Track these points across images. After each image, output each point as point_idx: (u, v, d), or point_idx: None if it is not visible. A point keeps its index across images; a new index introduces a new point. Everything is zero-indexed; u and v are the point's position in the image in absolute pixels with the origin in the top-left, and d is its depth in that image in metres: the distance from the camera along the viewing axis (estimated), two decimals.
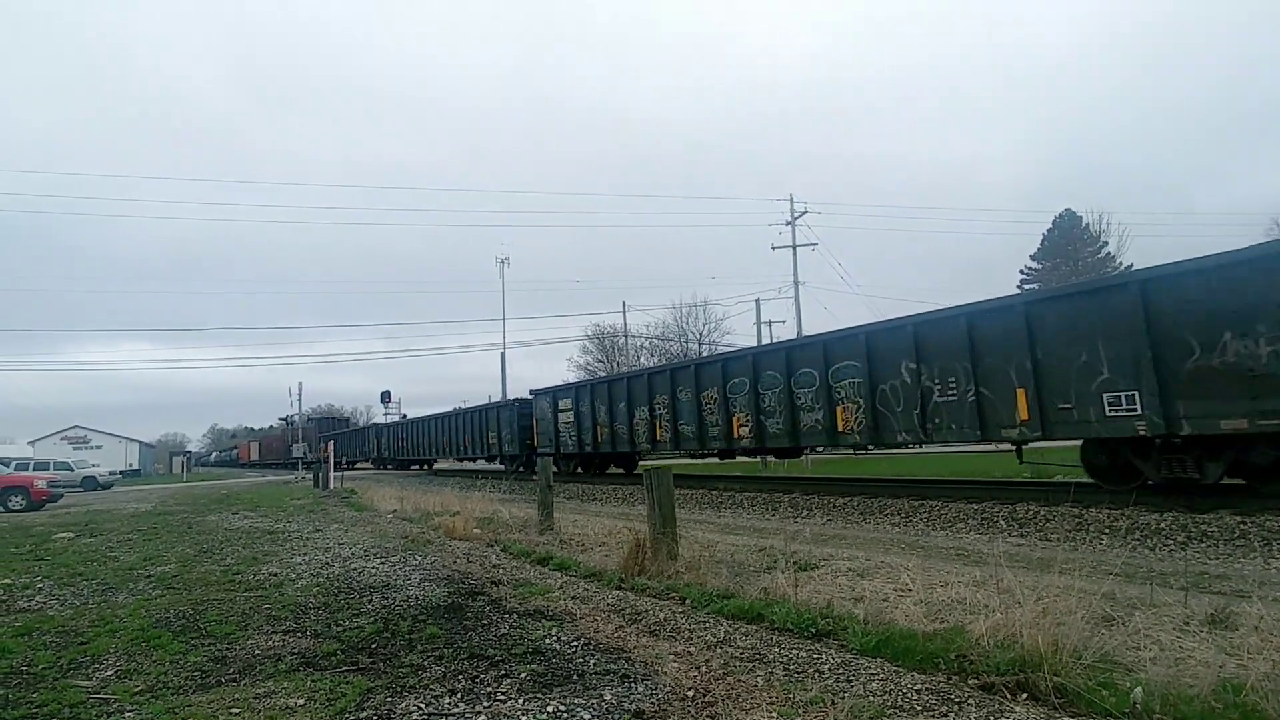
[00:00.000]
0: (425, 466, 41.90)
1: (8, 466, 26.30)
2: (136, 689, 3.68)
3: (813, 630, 4.28)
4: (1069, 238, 56.56)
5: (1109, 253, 54.82)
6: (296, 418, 63.08)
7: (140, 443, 78.75)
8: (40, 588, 6.82)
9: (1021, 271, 60.39)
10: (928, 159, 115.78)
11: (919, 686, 3.28)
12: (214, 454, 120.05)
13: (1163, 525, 8.30)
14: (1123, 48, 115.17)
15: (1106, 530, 8.48)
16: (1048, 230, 58.39)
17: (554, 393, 23.91)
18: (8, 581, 7.17)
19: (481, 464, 35.30)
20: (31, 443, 64.07)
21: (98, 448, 66.55)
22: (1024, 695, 3.17)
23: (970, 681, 3.34)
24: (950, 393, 10.98)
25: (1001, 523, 9.69)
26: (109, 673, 4.02)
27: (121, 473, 50.24)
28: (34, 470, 29.24)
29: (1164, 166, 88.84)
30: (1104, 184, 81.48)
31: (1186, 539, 7.87)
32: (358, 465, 47.12)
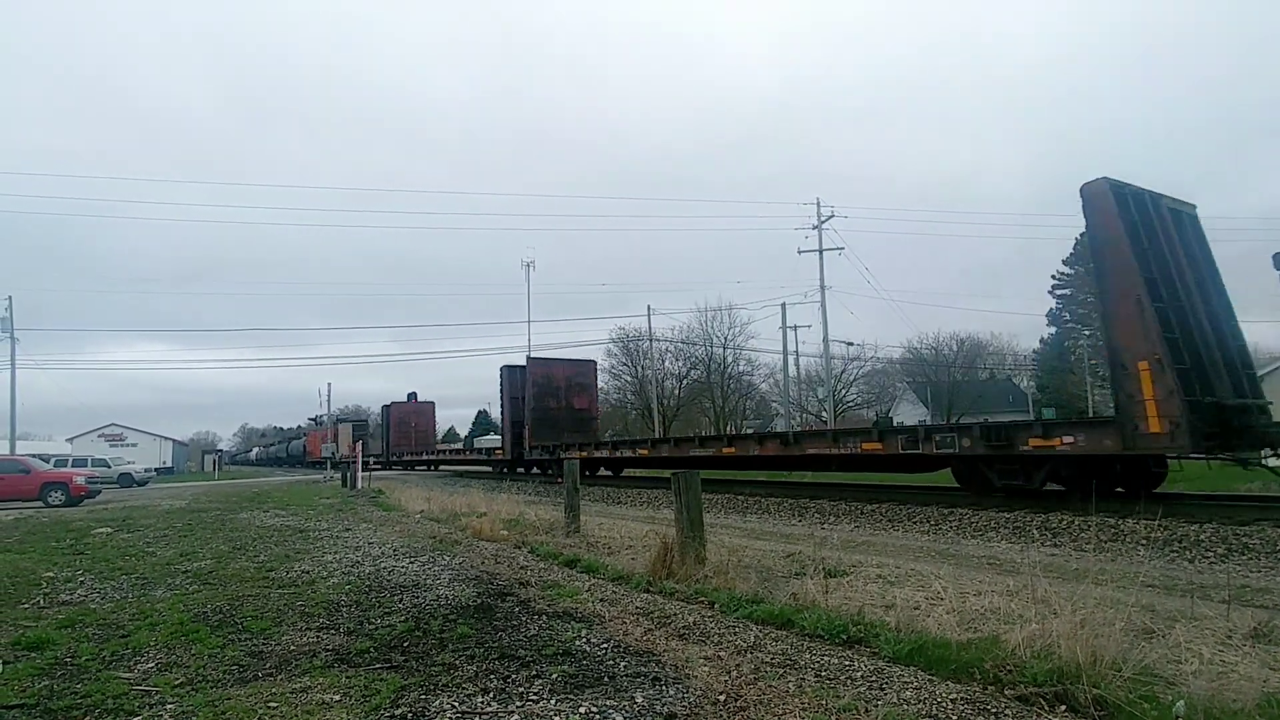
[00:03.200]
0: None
1: (48, 463, 27.01)
2: (177, 681, 3.76)
3: (844, 637, 4.24)
4: None
5: None
6: (325, 417, 64.07)
7: (174, 441, 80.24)
8: (81, 581, 7.00)
9: (1053, 276, 59.53)
10: (923, 168, 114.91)
11: (954, 696, 3.24)
12: (255, 450, 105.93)
13: (1202, 537, 8.12)
14: (1114, 52, 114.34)
15: (1144, 541, 8.31)
16: (1080, 234, 57.35)
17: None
18: (50, 575, 7.37)
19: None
20: (70, 440, 65.65)
21: (133, 445, 67.87)
22: (1062, 707, 3.12)
23: (1007, 692, 3.29)
24: None
25: (1034, 532, 9.53)
26: (150, 665, 4.11)
27: (156, 470, 51.19)
28: (73, 467, 30.02)
29: (1164, 171, 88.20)
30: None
31: (1227, 551, 7.69)
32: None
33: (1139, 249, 9.95)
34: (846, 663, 3.81)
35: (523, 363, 28.03)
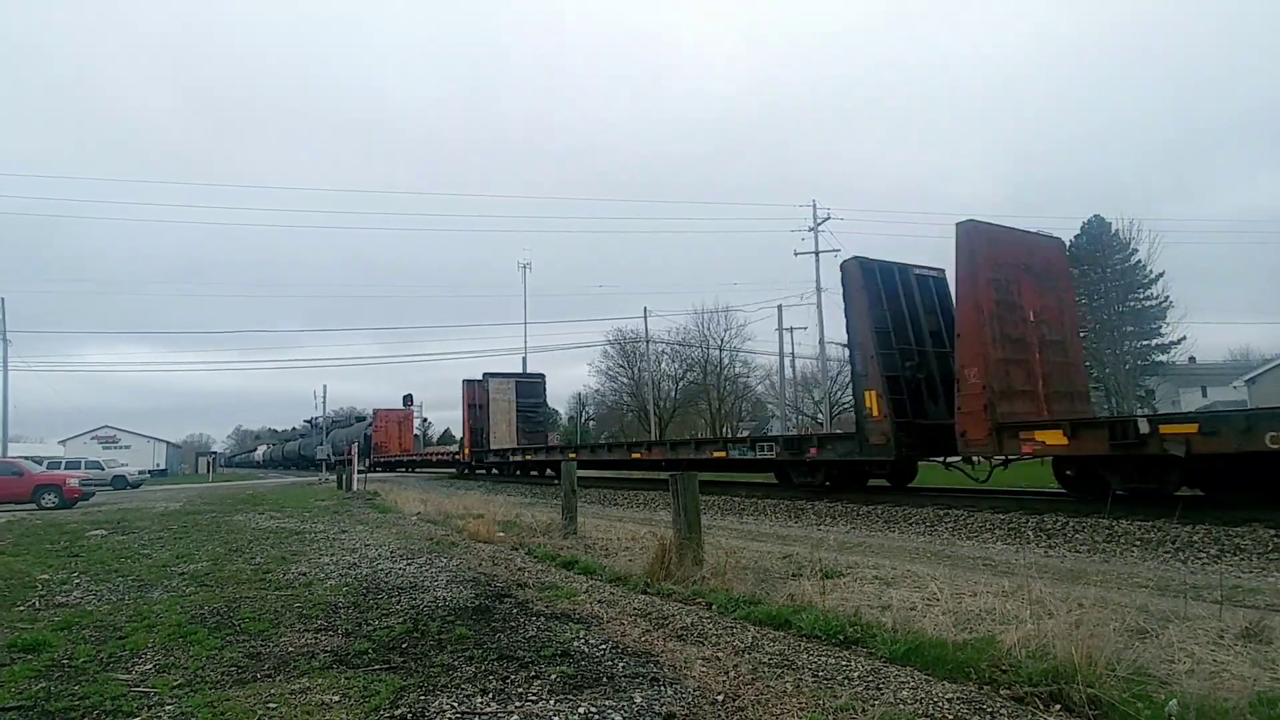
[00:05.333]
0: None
1: (41, 465, 26.87)
2: (175, 683, 3.77)
3: (841, 637, 4.27)
4: (1098, 244, 55.60)
5: (1139, 260, 53.86)
6: (321, 419, 63.95)
7: (168, 443, 79.80)
8: (77, 583, 6.98)
9: None
10: (917, 171, 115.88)
11: (950, 696, 3.27)
12: (261, 450, 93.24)
13: (1195, 538, 8.17)
14: (1101, 56, 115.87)
15: (1138, 543, 8.37)
16: (1075, 236, 57.49)
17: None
18: (46, 577, 7.35)
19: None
20: (62, 442, 65.30)
21: (126, 447, 67.45)
22: (1057, 706, 3.15)
23: (1002, 692, 3.32)
24: None
25: (1029, 533, 9.58)
26: (148, 666, 4.11)
27: (150, 472, 50.98)
28: (66, 469, 29.89)
29: (1125, 178, 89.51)
30: (1072, 195, 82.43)
31: (1219, 552, 7.74)
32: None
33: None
34: (844, 663, 3.83)
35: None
